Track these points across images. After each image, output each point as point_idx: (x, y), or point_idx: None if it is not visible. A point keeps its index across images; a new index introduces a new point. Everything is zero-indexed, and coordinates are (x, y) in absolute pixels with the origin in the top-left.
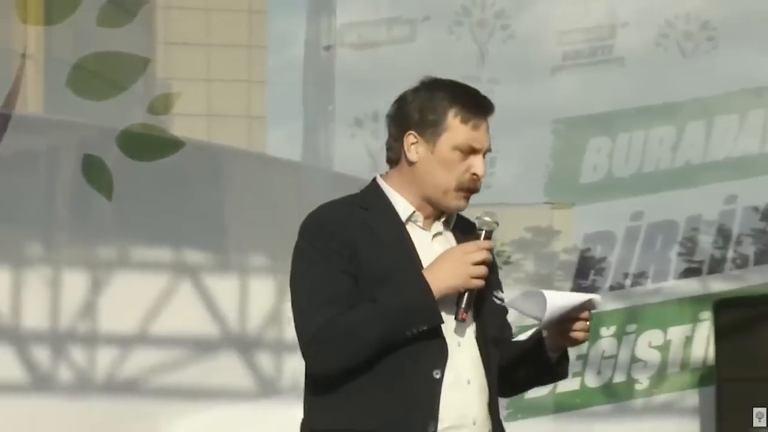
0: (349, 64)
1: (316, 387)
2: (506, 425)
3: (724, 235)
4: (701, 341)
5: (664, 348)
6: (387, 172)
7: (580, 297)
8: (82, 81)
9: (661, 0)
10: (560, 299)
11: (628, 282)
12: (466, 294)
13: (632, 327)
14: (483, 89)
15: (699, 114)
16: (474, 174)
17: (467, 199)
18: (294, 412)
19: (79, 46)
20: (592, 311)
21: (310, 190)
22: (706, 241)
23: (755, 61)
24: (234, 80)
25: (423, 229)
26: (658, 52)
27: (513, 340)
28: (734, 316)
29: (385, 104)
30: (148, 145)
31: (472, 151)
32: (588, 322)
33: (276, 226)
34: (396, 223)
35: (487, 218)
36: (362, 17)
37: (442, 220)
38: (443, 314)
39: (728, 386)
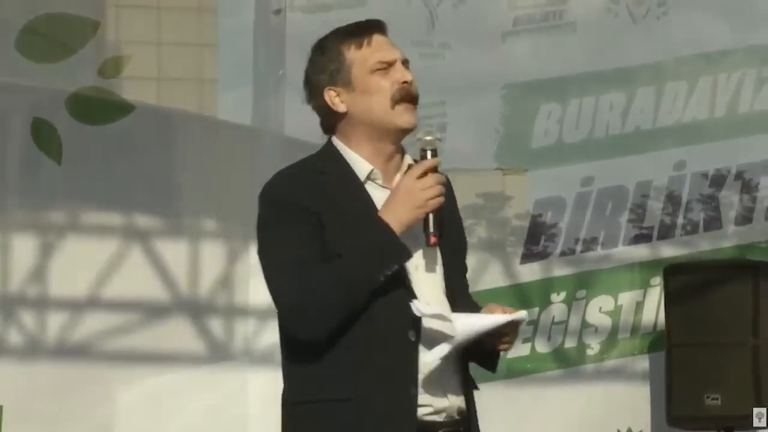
0: (300, 27)
1: (293, 357)
2: None
3: (673, 201)
4: (651, 306)
5: (614, 313)
6: (336, 134)
7: (497, 320)
8: (31, 43)
9: None
10: (471, 327)
11: (578, 247)
12: (431, 218)
13: (582, 293)
14: (433, 54)
15: (649, 80)
16: (403, 83)
17: (412, 111)
18: (245, 377)
19: (28, 8)
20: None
21: (260, 154)
22: (656, 207)
23: (705, 26)
24: (185, 44)
25: (383, 187)
26: (608, 18)
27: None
28: (684, 282)
29: None
30: (98, 108)
31: (387, 65)
32: (515, 336)
33: (227, 190)
34: (355, 184)
35: (428, 137)
36: None
37: (403, 171)
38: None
39: (678, 351)
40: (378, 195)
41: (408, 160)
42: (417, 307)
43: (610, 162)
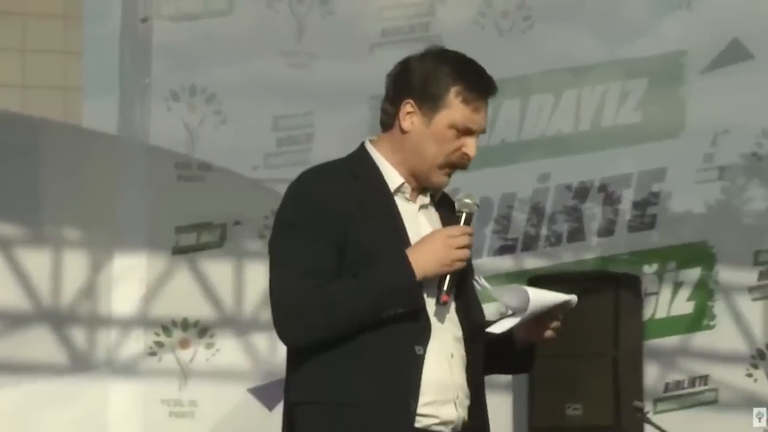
0: (167, 36)
1: (299, 359)
2: None
3: (537, 212)
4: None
5: None
6: (377, 138)
7: (560, 297)
8: None
9: None
10: (542, 298)
11: None
12: (448, 277)
13: None
14: (301, 64)
15: (515, 92)
16: (465, 153)
17: (450, 176)
18: (107, 387)
19: None
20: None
21: (126, 163)
22: (521, 219)
23: (571, 40)
24: (49, 51)
25: (409, 201)
26: (475, 30)
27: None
28: None
29: (201, 77)
30: None
31: (467, 131)
32: (559, 323)
33: (91, 199)
34: (385, 194)
35: (467, 200)
36: None
37: (428, 193)
38: (425, 295)
39: (540, 361)
40: (404, 207)
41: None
42: (482, 282)
43: (475, 174)
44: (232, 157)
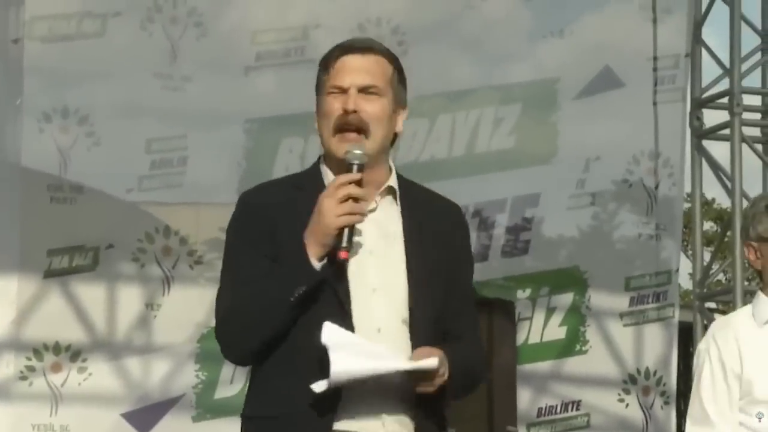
0: (39, 57)
1: (251, 372)
2: (195, 425)
3: None
4: None
5: None
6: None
7: (378, 368)
8: None
9: (354, 4)
10: (350, 370)
11: None
12: (345, 231)
13: None
14: (175, 87)
15: None
16: (343, 111)
17: (349, 140)
18: None
19: None
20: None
21: None
22: None
23: (445, 65)
24: None
25: None
26: None
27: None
28: None
29: (74, 99)
30: None
31: (341, 91)
32: (430, 383)
33: None
34: None
35: (356, 150)
36: (52, 10)
37: (381, 191)
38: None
39: None
40: None
41: (393, 178)
42: (325, 333)
43: None
44: (105, 179)
